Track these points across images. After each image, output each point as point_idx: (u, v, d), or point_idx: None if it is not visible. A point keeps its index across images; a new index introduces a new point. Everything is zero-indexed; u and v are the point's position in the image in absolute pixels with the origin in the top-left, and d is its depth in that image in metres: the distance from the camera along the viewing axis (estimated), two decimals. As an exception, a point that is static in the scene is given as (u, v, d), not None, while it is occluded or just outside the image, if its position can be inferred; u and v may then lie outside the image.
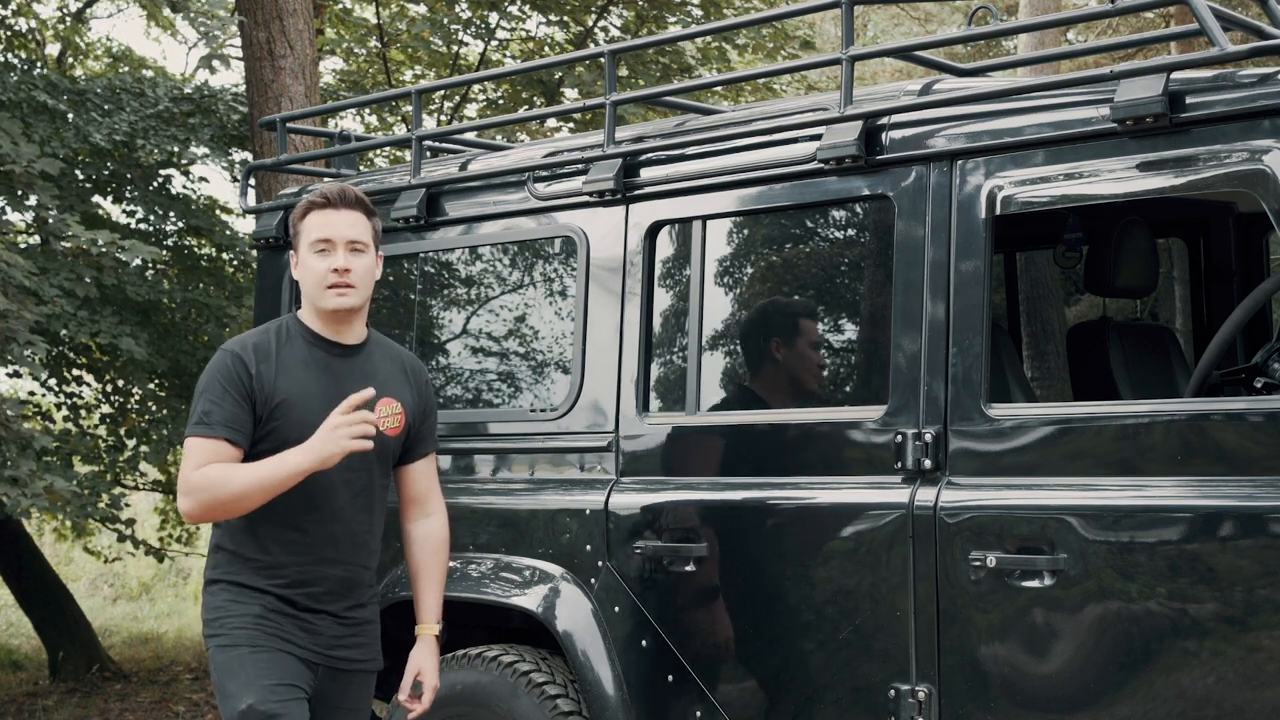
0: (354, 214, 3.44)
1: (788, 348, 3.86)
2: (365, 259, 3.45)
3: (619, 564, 3.86)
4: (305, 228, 3.45)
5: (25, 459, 6.47)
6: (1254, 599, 2.98)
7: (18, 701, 9.05)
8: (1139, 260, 4.12)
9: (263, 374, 3.36)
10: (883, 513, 3.43)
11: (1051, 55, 4.82)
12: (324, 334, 3.47)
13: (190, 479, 3.31)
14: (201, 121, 8.66)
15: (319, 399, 3.38)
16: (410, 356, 3.67)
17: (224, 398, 3.34)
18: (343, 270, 3.40)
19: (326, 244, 3.41)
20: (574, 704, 3.91)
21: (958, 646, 3.31)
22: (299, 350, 3.44)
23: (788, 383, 3.88)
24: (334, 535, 3.40)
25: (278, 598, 3.38)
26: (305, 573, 3.40)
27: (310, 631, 3.41)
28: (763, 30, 11.13)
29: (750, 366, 3.94)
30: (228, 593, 3.40)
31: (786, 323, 3.89)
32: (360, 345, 3.52)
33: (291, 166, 5.08)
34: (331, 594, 3.44)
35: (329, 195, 3.44)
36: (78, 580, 14.04)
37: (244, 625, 3.36)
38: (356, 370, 3.47)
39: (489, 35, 11.45)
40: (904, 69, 15.69)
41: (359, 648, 3.51)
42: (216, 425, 3.32)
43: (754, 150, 3.79)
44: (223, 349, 3.44)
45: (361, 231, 3.45)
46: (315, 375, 3.42)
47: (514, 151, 4.62)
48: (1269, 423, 3.01)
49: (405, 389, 3.54)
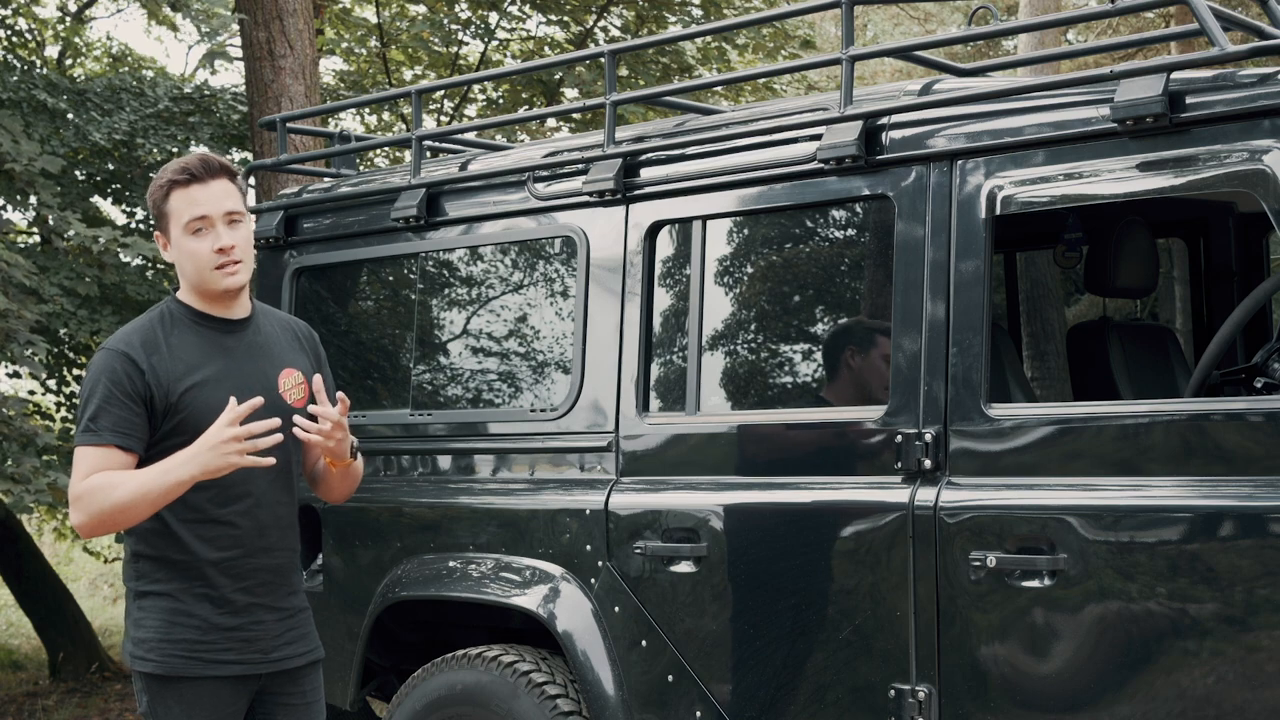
0: (222, 182, 3.18)
1: (862, 357, 3.81)
2: (245, 228, 3.21)
3: (619, 564, 3.86)
4: (173, 208, 3.18)
5: (27, 456, 6.47)
6: (1254, 599, 2.98)
7: (18, 701, 9.05)
8: (1139, 260, 4.12)
9: (155, 368, 3.14)
10: (883, 513, 3.42)
11: (1051, 55, 4.82)
12: (211, 312, 3.24)
13: (76, 489, 3.09)
14: (201, 121, 8.67)
15: (222, 380, 3.18)
16: (298, 321, 3.47)
17: (111, 401, 3.11)
18: (228, 248, 3.16)
19: (203, 221, 3.15)
20: (574, 704, 3.91)
21: (958, 646, 3.31)
22: (187, 334, 3.21)
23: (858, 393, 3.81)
24: (260, 523, 3.20)
25: (213, 603, 3.16)
26: (237, 567, 3.18)
27: (249, 640, 3.20)
28: (763, 30, 11.13)
29: (828, 375, 3.89)
30: (160, 612, 3.16)
31: (864, 335, 3.84)
32: (249, 318, 3.30)
33: (291, 166, 5.08)
34: (266, 585, 3.22)
35: (191, 169, 3.17)
36: (78, 580, 14.04)
37: (178, 654, 3.14)
38: (251, 344, 3.26)
39: (489, 35, 11.45)
40: (904, 69, 15.69)
41: (299, 641, 3.29)
42: (104, 431, 3.10)
43: (754, 150, 3.79)
44: (105, 348, 3.19)
45: (235, 200, 3.19)
46: (211, 356, 3.20)
47: (514, 151, 4.62)
48: (1269, 423, 3.01)
49: (300, 356, 3.35)
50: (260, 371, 3.25)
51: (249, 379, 3.22)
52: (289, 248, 4.76)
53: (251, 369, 3.23)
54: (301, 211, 4.77)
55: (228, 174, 3.21)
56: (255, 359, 3.26)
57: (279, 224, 4.74)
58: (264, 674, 3.23)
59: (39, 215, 7.46)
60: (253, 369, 3.24)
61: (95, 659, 9.79)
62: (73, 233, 6.94)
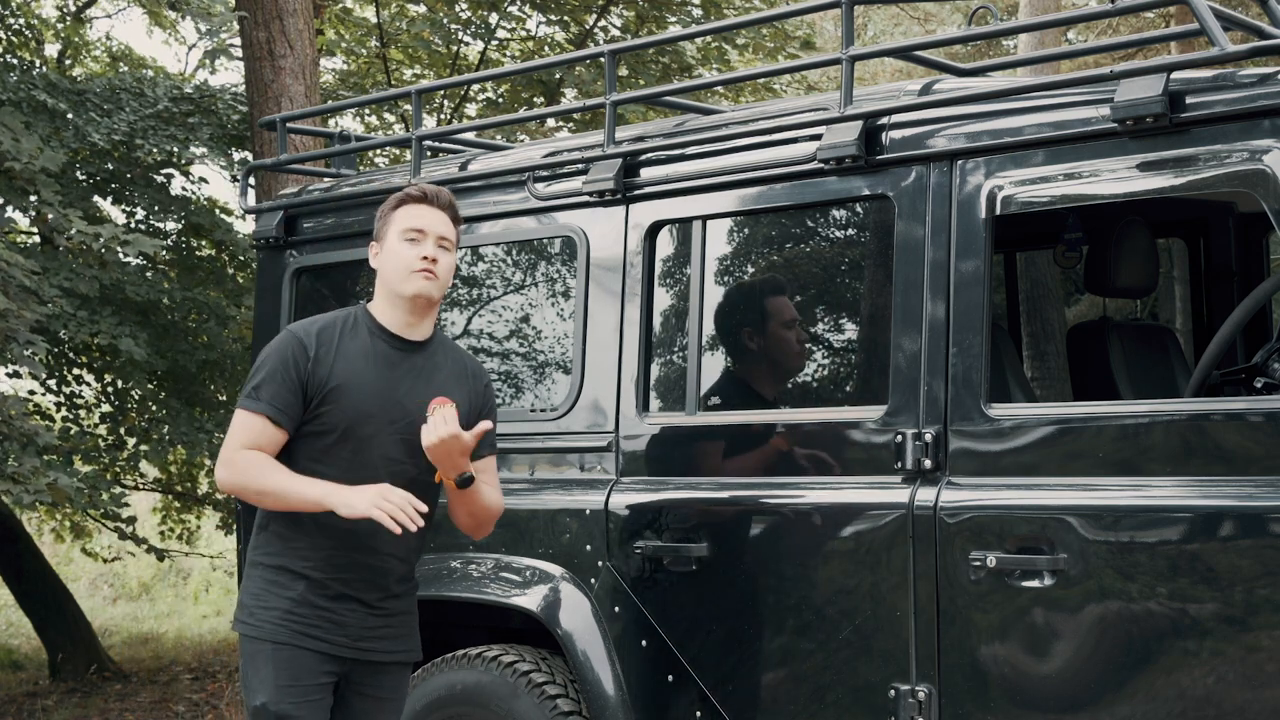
0: (446, 215, 3.51)
1: (760, 335, 3.84)
2: (450, 258, 3.51)
3: (619, 564, 3.86)
4: (397, 217, 3.49)
5: (28, 455, 6.47)
6: (1254, 599, 2.98)
7: (18, 701, 9.05)
8: (1139, 260, 4.12)
9: (320, 359, 3.42)
10: (883, 513, 3.43)
11: (1051, 55, 4.82)
12: (391, 328, 3.50)
13: (232, 458, 3.40)
14: (201, 121, 8.66)
15: (372, 390, 3.42)
16: (473, 361, 3.68)
17: (275, 376, 3.40)
18: (432, 259, 3.45)
19: (418, 234, 3.46)
20: (574, 704, 3.91)
21: (958, 646, 3.31)
22: (362, 340, 3.47)
23: (770, 370, 3.86)
24: (374, 525, 3.38)
25: (310, 583, 3.41)
26: (339, 558, 3.41)
27: (338, 624, 3.42)
28: (763, 30, 11.12)
29: (736, 360, 3.92)
30: (263, 580, 3.45)
31: (755, 308, 3.87)
32: (424, 343, 3.54)
33: (291, 166, 5.08)
34: (364, 582, 3.44)
35: (427, 192, 3.51)
36: (78, 580, 14.04)
37: (270, 620, 3.40)
38: (416, 367, 3.50)
39: (489, 35, 11.45)
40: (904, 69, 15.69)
41: (391, 639, 3.51)
42: (263, 402, 3.39)
43: (754, 150, 3.80)
44: (288, 329, 3.52)
45: (450, 232, 3.51)
46: (373, 367, 3.45)
47: (514, 151, 4.62)
48: (1269, 423, 3.01)
49: (462, 390, 3.54)
50: (414, 390, 3.47)
51: (398, 396, 3.45)
52: (289, 248, 4.76)
53: (408, 386, 3.47)
54: (301, 211, 4.77)
55: (453, 213, 3.54)
56: (414, 380, 3.48)
57: (279, 224, 4.74)
58: (349, 659, 3.45)
59: (39, 214, 7.46)
60: (409, 387, 3.47)
61: (95, 659, 9.80)
62: (74, 230, 6.93)
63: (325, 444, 3.42)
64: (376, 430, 3.42)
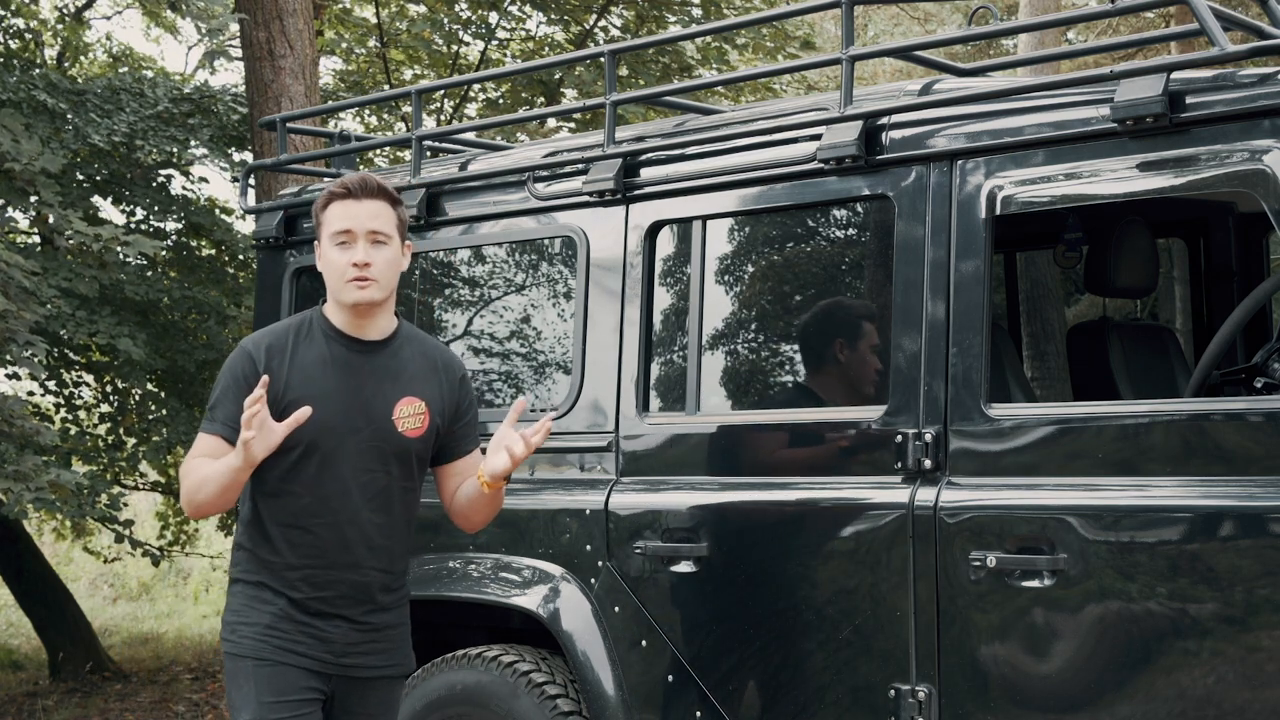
0: (376, 203, 3.31)
1: (851, 349, 3.80)
2: (387, 251, 3.32)
3: (619, 564, 3.86)
4: (326, 218, 3.33)
5: (28, 454, 6.46)
6: (1254, 599, 2.98)
7: (18, 701, 9.05)
8: (1139, 260, 4.12)
9: (273, 372, 3.27)
10: (883, 513, 3.43)
11: (1051, 55, 4.83)
12: (345, 329, 3.36)
13: (182, 482, 3.33)
14: (201, 122, 8.66)
15: (334, 398, 3.29)
16: (445, 352, 3.53)
17: (228, 395, 3.30)
18: (362, 264, 3.27)
19: (347, 235, 3.30)
20: (574, 704, 3.91)
21: (958, 646, 3.31)
22: (317, 347, 3.34)
23: (845, 384, 3.81)
24: (346, 538, 3.30)
25: (290, 601, 3.31)
26: (317, 576, 3.31)
27: (321, 639, 3.32)
28: (763, 30, 11.13)
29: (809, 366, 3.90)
30: (243, 596, 3.36)
31: (852, 324, 3.84)
32: (385, 341, 3.39)
33: (291, 167, 5.08)
34: (345, 598, 3.33)
35: (349, 185, 3.32)
36: (78, 580, 14.03)
37: (252, 636, 3.31)
38: (378, 367, 3.36)
39: (489, 35, 11.45)
40: (904, 69, 15.69)
41: (377, 654, 3.38)
42: (217, 423, 3.31)
43: (754, 150, 3.80)
44: (239, 345, 3.39)
45: (384, 222, 3.32)
46: (332, 374, 3.32)
47: (514, 151, 4.63)
48: (1269, 423, 3.01)
49: (431, 387, 3.41)
50: (378, 394, 3.35)
51: (361, 400, 3.33)
52: (289, 248, 4.76)
53: (370, 391, 3.34)
54: (301, 211, 4.77)
55: (387, 197, 3.35)
56: (379, 382, 3.36)
57: (279, 224, 4.73)
58: (334, 675, 3.35)
59: (39, 214, 7.46)
60: (372, 391, 3.34)
61: (95, 659, 9.79)
62: (74, 230, 6.93)
63: (290, 461, 3.28)
64: (340, 441, 3.29)
